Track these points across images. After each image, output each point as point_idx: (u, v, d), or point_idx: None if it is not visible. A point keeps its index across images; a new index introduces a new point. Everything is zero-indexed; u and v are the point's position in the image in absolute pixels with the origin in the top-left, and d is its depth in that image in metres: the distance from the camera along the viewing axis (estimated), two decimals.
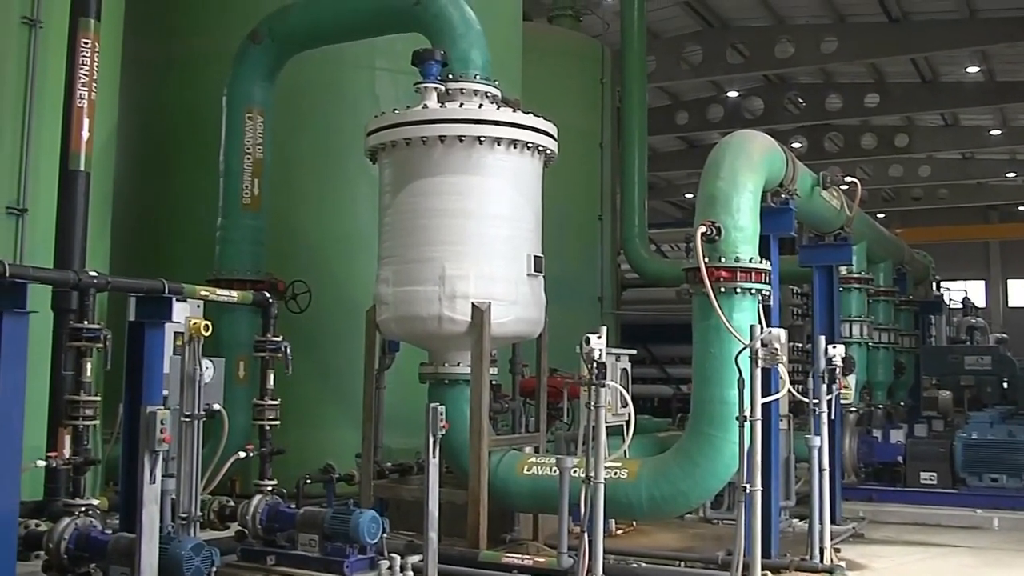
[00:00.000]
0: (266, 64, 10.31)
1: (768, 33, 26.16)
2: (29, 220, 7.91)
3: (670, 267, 17.44)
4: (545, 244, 8.72)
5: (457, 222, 8.13)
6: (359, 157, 9.21)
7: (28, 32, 8.03)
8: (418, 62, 8.52)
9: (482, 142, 8.15)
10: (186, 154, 11.48)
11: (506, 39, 12.76)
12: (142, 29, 10.81)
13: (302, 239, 11.15)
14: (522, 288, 8.28)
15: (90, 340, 6.32)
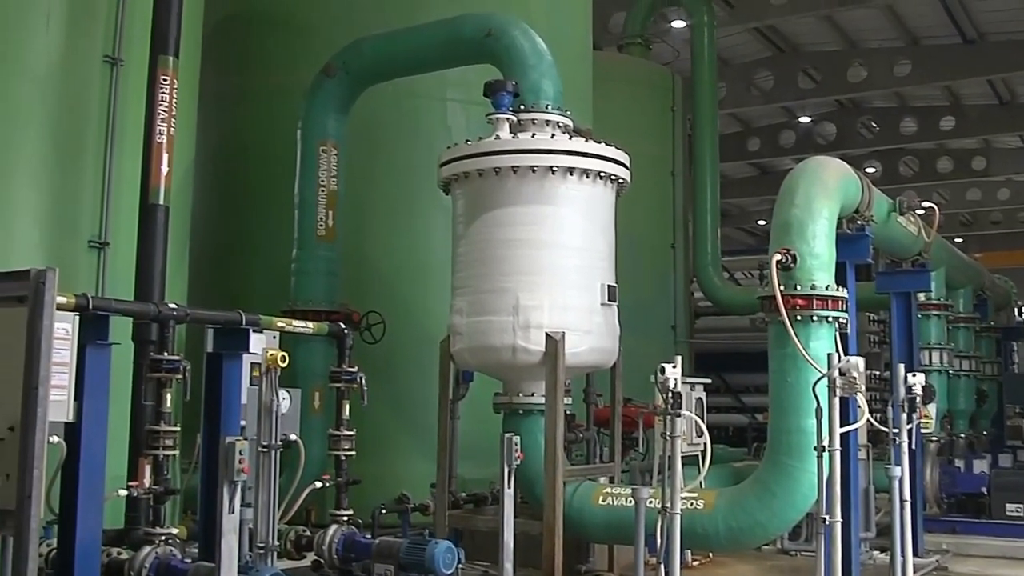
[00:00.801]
0: (340, 97, 10.44)
1: (840, 57, 25.95)
2: (110, 253, 8.04)
3: (743, 295, 17.31)
4: (618, 273, 8.70)
5: (530, 252, 8.14)
6: (432, 188, 9.28)
7: (110, 70, 8.21)
8: (490, 93, 8.59)
9: (555, 172, 8.15)
10: (261, 186, 11.64)
11: (577, 69, 12.79)
12: (218, 65, 10.99)
13: (376, 270, 11.23)
14: (596, 318, 8.25)
15: (170, 371, 6.40)
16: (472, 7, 10.59)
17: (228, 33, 11.86)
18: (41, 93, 7.94)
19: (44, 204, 7.86)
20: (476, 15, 9.82)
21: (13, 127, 7.84)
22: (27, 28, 7.94)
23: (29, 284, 5.26)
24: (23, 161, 7.85)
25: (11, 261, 7.28)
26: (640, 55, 19.90)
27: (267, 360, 6.87)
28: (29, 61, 7.93)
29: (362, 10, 11.50)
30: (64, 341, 5.55)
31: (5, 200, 7.74)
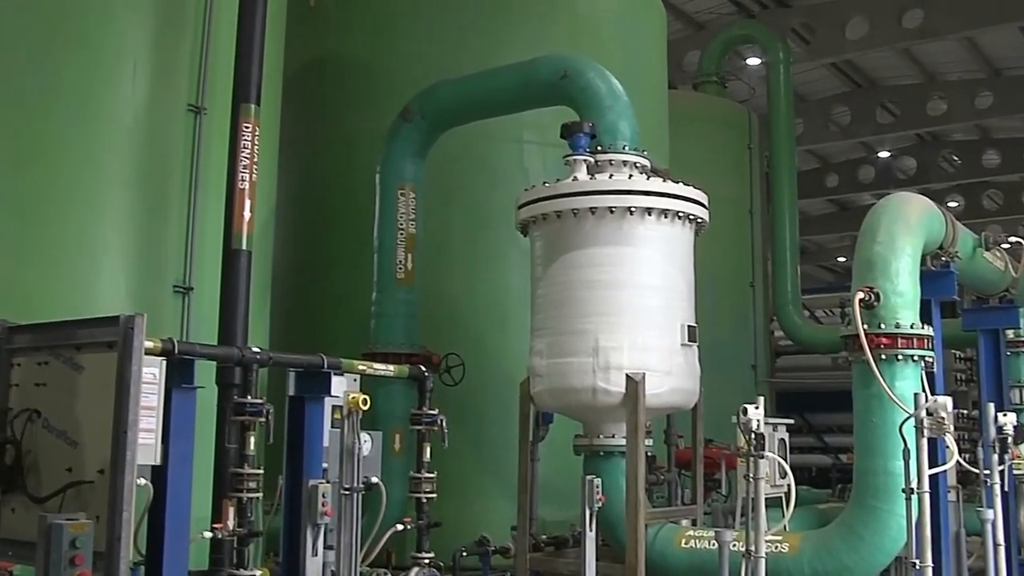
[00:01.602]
0: (417, 141, 10.54)
1: (919, 90, 25.66)
2: (194, 298, 8.18)
3: (825, 333, 17.10)
4: (697, 312, 8.63)
5: (610, 293, 8.12)
6: (509, 230, 9.31)
7: (193, 119, 8.39)
8: (567, 135, 8.62)
9: (633, 212, 8.14)
10: (341, 230, 11.77)
11: (652, 109, 12.79)
12: (298, 111, 11.17)
13: (455, 312, 11.27)
14: (676, 358, 8.19)
15: (253, 414, 6.47)
16: (547, 49, 10.67)
17: (307, 80, 12.04)
18: (128, 141, 8.13)
19: (130, 249, 8.02)
20: (552, 57, 9.88)
21: (101, 174, 8.03)
22: (115, 78, 8.15)
23: (118, 330, 5.37)
24: (110, 208, 8.03)
25: (98, 305, 7.47)
26: (716, 93, 19.84)
27: (349, 403, 6.92)
28: (116, 110, 8.13)
29: (438, 54, 11.62)
30: (152, 385, 5.65)
31: (93, 245, 7.91)
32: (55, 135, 7.89)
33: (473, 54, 11.38)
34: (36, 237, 7.72)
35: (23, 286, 7.55)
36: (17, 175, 7.76)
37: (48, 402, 5.80)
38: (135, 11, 8.28)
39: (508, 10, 12.08)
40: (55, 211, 7.81)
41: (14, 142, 7.81)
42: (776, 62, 19.81)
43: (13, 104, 7.82)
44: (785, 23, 23.13)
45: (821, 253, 39.59)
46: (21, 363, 6.06)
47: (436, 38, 11.90)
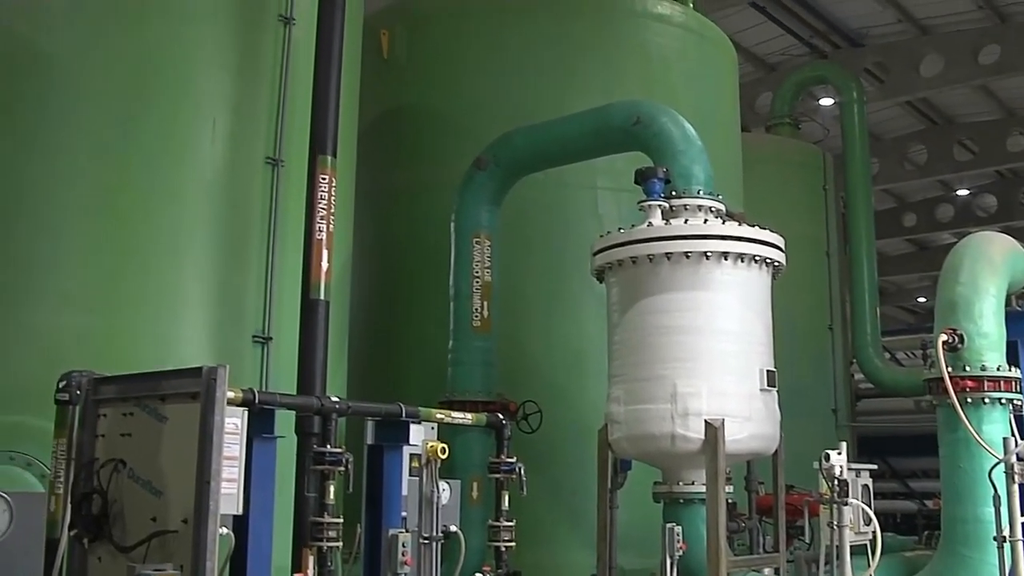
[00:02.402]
0: (491, 189, 10.60)
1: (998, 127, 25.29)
2: (273, 347, 8.28)
3: (907, 376, 16.78)
4: (776, 357, 8.53)
5: (687, 339, 8.06)
6: (584, 276, 9.30)
7: (271, 171, 8.54)
8: (641, 180, 8.61)
9: (709, 257, 8.10)
10: (417, 279, 11.84)
11: (726, 152, 12.74)
12: (373, 162, 11.30)
13: (531, 359, 11.26)
14: (755, 403, 8.10)
15: (333, 464, 6.51)
16: (619, 94, 10.71)
17: (381, 131, 12.20)
18: (208, 194, 8.29)
19: (211, 300, 8.16)
20: (624, 103, 9.90)
21: (183, 227, 8.19)
22: (195, 134, 8.34)
23: (201, 381, 5.45)
24: (192, 260, 8.18)
25: (181, 356, 7.60)
26: (789, 135, 19.72)
27: (427, 452, 6.95)
28: (197, 164, 8.31)
29: (511, 102, 11.69)
30: (234, 435, 5.72)
31: (175, 297, 8.06)
32: (138, 190, 8.08)
33: (545, 101, 11.45)
34: (121, 290, 7.89)
35: (109, 338, 7.71)
36: (101, 229, 7.95)
37: (133, 452, 5.89)
38: (214, 68, 8.48)
39: (579, 56, 12.14)
40: (138, 264, 7.98)
41: (98, 197, 8.01)
42: (850, 102, 19.64)
43: (97, 160, 8.03)
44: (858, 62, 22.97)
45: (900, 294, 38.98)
46: (107, 414, 6.17)
47: (508, 86, 11.99)
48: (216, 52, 8.53)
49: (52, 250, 7.84)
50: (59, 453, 6.18)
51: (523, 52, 12.15)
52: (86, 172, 8.01)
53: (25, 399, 7.23)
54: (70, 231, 7.91)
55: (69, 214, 7.93)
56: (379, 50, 12.34)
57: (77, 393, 6.22)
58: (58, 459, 6.18)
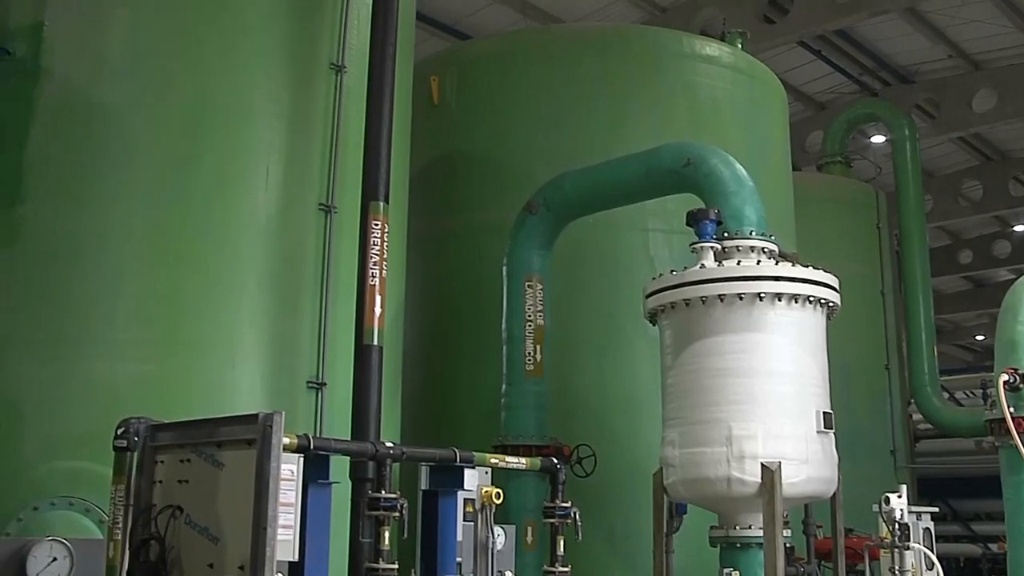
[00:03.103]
0: (543, 233, 10.61)
1: None
2: (328, 393, 8.32)
3: (966, 416, 16.53)
4: (832, 398, 8.44)
5: (741, 381, 8.00)
6: (637, 319, 9.26)
7: (324, 218, 8.62)
8: (692, 222, 8.59)
9: (762, 298, 8.04)
10: (469, 323, 11.86)
11: (778, 192, 12.69)
12: (425, 206, 11.39)
13: (584, 402, 11.21)
14: (812, 446, 8.00)
15: (387, 509, 6.49)
16: (668, 136, 10.71)
17: (433, 176, 12.29)
18: (261, 241, 8.37)
19: (266, 346, 8.21)
20: (674, 145, 9.90)
21: (237, 274, 8.27)
22: (248, 181, 8.43)
23: (257, 427, 5.47)
24: (246, 306, 8.25)
25: (236, 402, 7.66)
26: (841, 173, 19.63)
27: (482, 497, 6.92)
28: (250, 211, 8.40)
29: (560, 146, 11.75)
30: (289, 482, 5.73)
31: (230, 343, 8.13)
32: (192, 237, 8.18)
33: (595, 144, 11.49)
34: (176, 337, 7.97)
35: (165, 385, 7.79)
36: (156, 277, 8.05)
37: (190, 498, 5.92)
38: (267, 116, 8.59)
39: (628, 98, 12.18)
40: (194, 311, 8.06)
41: (153, 246, 8.11)
42: (902, 139, 19.52)
43: (152, 208, 8.14)
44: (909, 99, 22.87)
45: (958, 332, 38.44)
46: (165, 460, 6.21)
47: (558, 129, 12.05)
48: (269, 101, 8.64)
49: (109, 299, 7.94)
50: (117, 499, 6.22)
51: (572, 95, 12.21)
52: (141, 221, 8.12)
53: (84, 445, 7.32)
54: (126, 279, 8.01)
55: (125, 263, 8.04)
56: (429, 96, 12.45)
57: (135, 440, 6.26)
58: (116, 505, 6.22)
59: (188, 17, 8.56)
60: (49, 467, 7.44)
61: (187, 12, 8.56)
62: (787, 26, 20.97)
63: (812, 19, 20.64)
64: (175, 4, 8.58)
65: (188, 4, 8.59)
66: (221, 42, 8.59)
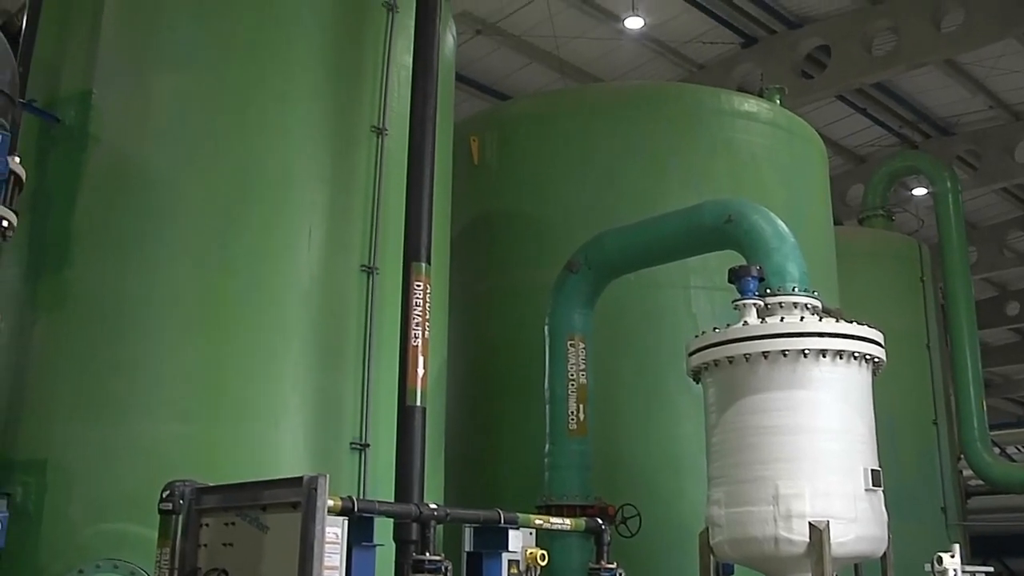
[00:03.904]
0: (584, 292, 10.59)
1: None
2: (371, 454, 8.32)
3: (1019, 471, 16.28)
4: (879, 455, 8.33)
5: (787, 439, 7.92)
6: (680, 376, 9.21)
7: (366, 279, 8.67)
8: (734, 279, 8.57)
9: (807, 355, 7.99)
10: (511, 382, 11.83)
11: (819, 247, 12.65)
12: (466, 266, 11.42)
13: (628, 461, 11.13)
14: (861, 504, 7.88)
15: (432, 571, 6.49)
16: (708, 193, 10.72)
17: (474, 235, 12.34)
18: (305, 302, 8.43)
19: (309, 408, 8.24)
20: (714, 202, 9.89)
21: (280, 336, 8.32)
22: (291, 242, 8.51)
23: (302, 490, 5.49)
24: (289, 367, 8.29)
25: (279, 463, 7.69)
26: (882, 227, 19.53)
27: (527, 558, 6.88)
28: (293, 273, 8.47)
29: (601, 204, 11.78)
30: (334, 544, 5.73)
31: (274, 405, 8.16)
32: (236, 299, 8.25)
33: (635, 202, 11.50)
34: (221, 399, 8.02)
35: (210, 447, 7.82)
36: (200, 339, 8.12)
37: (235, 562, 5.94)
38: (309, 179, 8.70)
39: (667, 156, 12.21)
40: (238, 373, 8.11)
41: (197, 307, 8.20)
42: (944, 191, 19.42)
43: (197, 271, 8.24)
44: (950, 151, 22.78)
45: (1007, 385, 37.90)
46: (209, 523, 6.24)
47: (598, 187, 12.08)
48: (311, 164, 8.75)
49: (154, 361, 8.01)
50: (162, 562, 6.25)
51: (611, 153, 12.26)
52: (186, 283, 8.22)
53: (129, 507, 7.37)
54: (172, 342, 8.08)
55: (170, 325, 8.12)
56: (470, 156, 12.54)
57: (180, 503, 6.31)
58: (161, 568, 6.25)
59: (232, 83, 8.72)
60: (95, 529, 7.48)
61: (230, 78, 8.72)
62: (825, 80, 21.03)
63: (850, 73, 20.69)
64: (219, 71, 8.74)
65: (231, 71, 8.75)
66: (264, 107, 8.73)
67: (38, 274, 8.45)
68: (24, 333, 8.26)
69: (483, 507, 7.15)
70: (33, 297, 8.39)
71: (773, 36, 21.39)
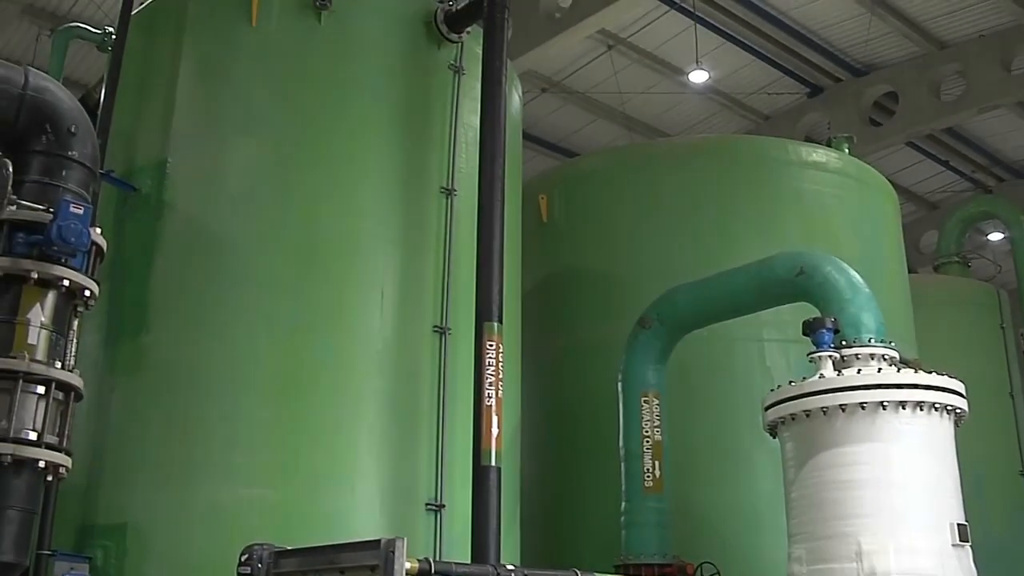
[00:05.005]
0: (657, 348, 10.52)
1: None
2: (446, 515, 8.30)
3: None
4: (965, 508, 8.12)
5: (868, 493, 7.75)
6: (756, 431, 9.09)
7: (439, 340, 8.72)
8: (809, 332, 8.46)
9: (885, 407, 7.84)
10: (585, 440, 11.75)
11: (894, 296, 12.46)
12: (537, 325, 11.39)
13: (706, 518, 10.97)
14: (949, 560, 7.67)
15: None
16: (779, 245, 10.60)
17: (544, 293, 12.35)
18: (378, 365, 8.49)
19: (384, 470, 8.26)
20: (786, 254, 9.80)
21: (355, 399, 8.39)
22: (364, 305, 8.61)
23: (379, 553, 5.48)
24: (364, 430, 8.34)
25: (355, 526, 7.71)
26: (959, 273, 19.19)
27: None
28: (367, 336, 8.55)
29: (671, 259, 11.73)
30: None
31: (350, 468, 8.21)
32: (310, 363, 8.34)
33: (705, 256, 11.43)
34: (297, 463, 8.08)
35: (287, 511, 7.88)
36: (275, 402, 8.21)
37: None
38: (380, 241, 8.80)
39: (736, 208, 12.15)
40: (313, 436, 8.17)
41: (272, 371, 8.31)
42: (1021, 236, 19.04)
43: (270, 335, 8.35)
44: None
45: None
46: None
47: (667, 242, 12.05)
48: (382, 226, 8.85)
49: (230, 425, 8.10)
50: None
51: (680, 208, 12.23)
52: (260, 347, 8.32)
53: (207, 571, 7.42)
54: (247, 406, 8.17)
55: (245, 389, 8.22)
56: (538, 214, 12.59)
57: (259, 566, 6.33)
58: None
59: (302, 148, 8.88)
60: None
61: (300, 144, 8.89)
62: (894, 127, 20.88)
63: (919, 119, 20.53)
64: (289, 137, 8.91)
65: (301, 136, 8.92)
66: (334, 172, 8.87)
67: (116, 340, 8.62)
68: (103, 399, 8.40)
69: (560, 567, 7.09)
70: (112, 363, 8.55)
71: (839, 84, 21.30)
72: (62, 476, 6.33)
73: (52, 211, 6.18)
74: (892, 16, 19.38)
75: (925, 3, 19.38)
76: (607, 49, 20.04)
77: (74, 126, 6.50)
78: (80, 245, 6.22)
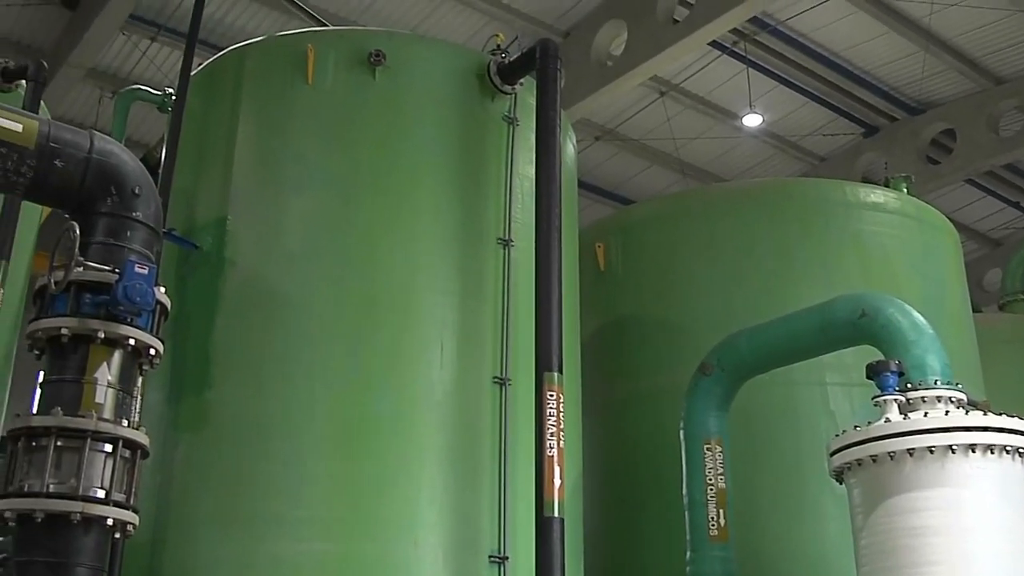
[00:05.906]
0: (719, 394, 10.42)
1: None
2: (510, 568, 8.25)
3: None
4: None
5: (940, 540, 7.58)
6: (821, 476, 8.96)
7: (499, 391, 8.70)
8: (873, 375, 8.35)
9: (955, 451, 7.69)
10: (648, 489, 11.64)
11: (959, 336, 12.25)
12: (597, 373, 11.35)
13: (773, 566, 10.81)
14: None
15: None
16: (839, 288, 10.48)
17: (603, 342, 12.29)
18: (438, 417, 8.49)
19: (447, 523, 8.23)
20: (847, 296, 9.69)
21: (416, 451, 8.39)
22: (423, 358, 8.62)
23: None
24: (425, 483, 8.33)
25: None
26: None
27: None
28: (427, 388, 8.56)
29: (730, 304, 11.65)
30: None
31: (412, 522, 8.18)
32: (371, 416, 8.36)
33: (764, 300, 11.33)
34: (358, 517, 8.08)
35: (348, 565, 7.88)
36: (337, 456, 8.24)
37: None
38: (438, 294, 8.83)
39: (795, 252, 12.04)
40: (374, 489, 8.18)
41: (333, 425, 8.34)
42: None
43: (330, 388, 8.40)
44: None
45: None
46: None
47: (726, 287, 11.96)
48: (439, 278, 8.89)
49: (292, 479, 8.14)
50: None
51: (737, 252, 12.15)
52: (321, 401, 8.37)
53: None
54: (308, 460, 8.21)
55: (306, 443, 8.27)
56: (595, 263, 12.58)
57: None
58: None
59: (358, 204, 8.97)
60: None
61: (357, 200, 8.98)
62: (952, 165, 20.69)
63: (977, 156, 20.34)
64: (346, 192, 9.01)
65: (358, 192, 9.01)
66: (391, 224, 8.93)
67: (179, 396, 8.72)
68: (167, 454, 8.49)
69: None
70: (176, 419, 8.64)
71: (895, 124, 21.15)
72: (129, 533, 6.36)
73: (118, 272, 6.26)
74: (946, 53, 19.24)
75: (980, 39, 19.22)
76: (659, 95, 20.10)
77: (138, 187, 6.61)
78: (145, 304, 6.30)
